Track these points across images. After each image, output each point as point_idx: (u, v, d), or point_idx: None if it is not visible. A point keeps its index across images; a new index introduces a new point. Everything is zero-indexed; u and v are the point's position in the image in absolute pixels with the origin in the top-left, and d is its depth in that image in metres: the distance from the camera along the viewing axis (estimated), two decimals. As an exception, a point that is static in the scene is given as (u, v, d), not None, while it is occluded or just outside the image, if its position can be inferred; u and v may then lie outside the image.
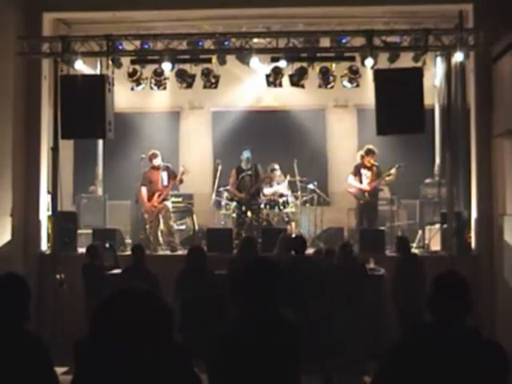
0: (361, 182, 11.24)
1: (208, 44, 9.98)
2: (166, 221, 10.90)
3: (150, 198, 10.90)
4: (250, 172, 11.22)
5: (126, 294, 2.32)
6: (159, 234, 10.89)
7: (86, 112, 9.39)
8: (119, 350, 2.22)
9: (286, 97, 12.41)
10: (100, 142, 13.07)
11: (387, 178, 11.28)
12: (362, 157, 11.33)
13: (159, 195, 10.87)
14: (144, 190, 10.95)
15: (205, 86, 10.89)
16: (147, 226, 10.98)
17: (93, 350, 2.27)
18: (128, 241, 11.31)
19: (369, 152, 11.19)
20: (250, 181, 11.21)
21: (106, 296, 2.32)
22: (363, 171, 11.24)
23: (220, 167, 11.79)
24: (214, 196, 11.86)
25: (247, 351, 3.21)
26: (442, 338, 2.83)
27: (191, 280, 7.75)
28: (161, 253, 10.67)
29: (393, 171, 11.15)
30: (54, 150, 9.85)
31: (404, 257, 8.85)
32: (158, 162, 11.01)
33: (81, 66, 9.90)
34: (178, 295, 7.77)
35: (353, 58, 10.24)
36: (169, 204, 11.03)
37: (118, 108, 10.18)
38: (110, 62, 9.86)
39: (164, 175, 11.01)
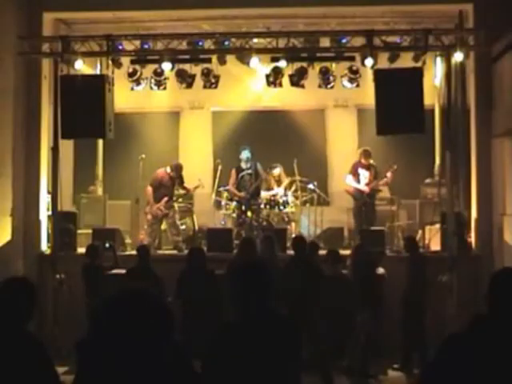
0: (358, 181, 11.22)
1: (208, 44, 9.99)
2: (174, 221, 10.91)
3: (158, 200, 10.91)
4: (249, 171, 11.21)
5: (126, 295, 2.32)
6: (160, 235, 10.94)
7: (86, 112, 9.39)
8: (119, 351, 2.22)
9: (286, 97, 12.39)
10: (100, 142, 13.07)
11: (384, 180, 11.26)
12: (361, 155, 11.30)
13: (167, 200, 10.89)
14: (151, 191, 10.95)
15: (205, 86, 10.89)
16: (146, 227, 10.98)
17: (94, 351, 2.27)
18: (128, 241, 11.31)
19: (365, 153, 11.18)
20: (249, 180, 11.19)
21: (106, 296, 2.32)
22: (361, 171, 11.22)
23: (220, 167, 11.78)
24: (213, 196, 11.86)
25: (241, 350, 3.23)
26: (499, 333, 2.85)
27: (192, 280, 7.76)
28: (165, 252, 10.68)
29: (388, 174, 11.12)
30: (54, 150, 9.85)
31: (412, 256, 8.88)
32: (176, 174, 11.07)
33: (81, 66, 9.89)
34: (179, 295, 7.78)
35: (353, 58, 10.24)
36: (175, 205, 11.10)
37: (117, 108, 10.17)
38: (110, 62, 9.86)
39: (175, 181, 11.07)
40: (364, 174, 11.20)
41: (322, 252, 8.89)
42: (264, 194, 11.52)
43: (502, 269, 3.20)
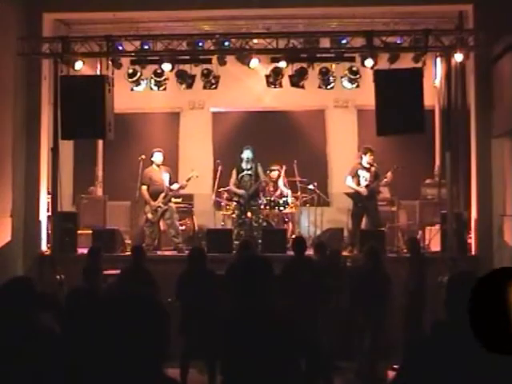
0: (358, 183, 11.14)
1: (208, 44, 9.99)
2: (173, 221, 10.88)
3: (153, 198, 10.85)
4: (250, 172, 11.14)
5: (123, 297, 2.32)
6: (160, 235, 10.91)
7: (86, 112, 9.39)
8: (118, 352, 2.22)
9: (286, 97, 12.39)
10: (100, 142, 13.08)
11: (384, 181, 11.22)
12: (360, 157, 11.24)
13: (164, 196, 10.82)
14: (145, 189, 10.89)
15: (205, 87, 10.89)
16: (146, 227, 10.94)
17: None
18: (128, 241, 11.30)
19: (367, 151, 11.12)
20: (249, 180, 11.13)
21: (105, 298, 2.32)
22: (361, 172, 11.10)
23: (220, 168, 11.77)
24: (213, 196, 11.85)
25: (241, 346, 3.29)
26: (461, 337, 2.85)
27: (192, 281, 7.75)
28: (165, 253, 10.67)
29: (388, 174, 11.06)
30: (54, 150, 9.85)
31: (414, 257, 8.88)
32: (159, 158, 10.92)
33: (81, 67, 9.89)
34: (179, 296, 7.77)
35: (353, 59, 10.26)
36: (173, 205, 11.03)
37: (117, 108, 10.15)
38: (110, 63, 9.87)
39: (166, 176, 10.96)
40: (364, 176, 11.08)
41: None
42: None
43: (458, 273, 3.20)
